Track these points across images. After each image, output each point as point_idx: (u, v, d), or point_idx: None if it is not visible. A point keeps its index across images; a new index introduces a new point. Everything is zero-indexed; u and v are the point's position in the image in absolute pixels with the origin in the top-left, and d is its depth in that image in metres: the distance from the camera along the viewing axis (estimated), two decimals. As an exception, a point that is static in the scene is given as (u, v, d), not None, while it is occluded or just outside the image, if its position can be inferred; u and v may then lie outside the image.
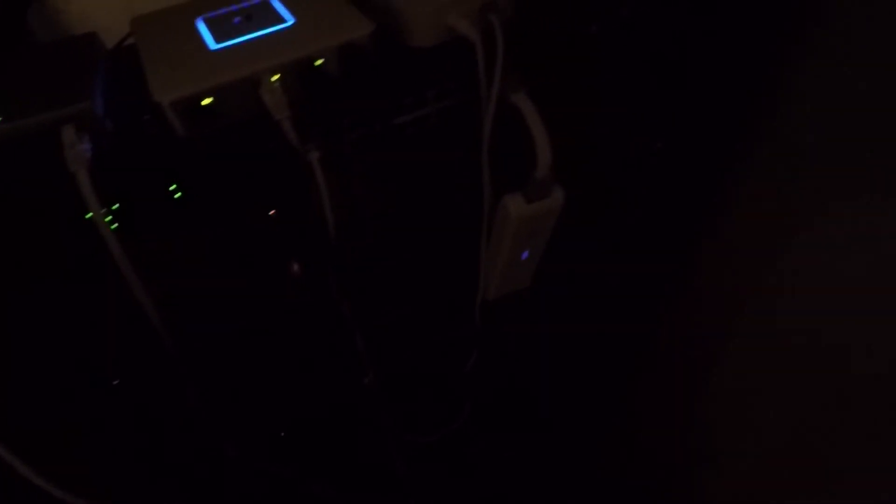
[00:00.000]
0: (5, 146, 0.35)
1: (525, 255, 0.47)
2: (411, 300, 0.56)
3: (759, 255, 0.51)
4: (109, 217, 0.37)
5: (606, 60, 0.42)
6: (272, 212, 0.42)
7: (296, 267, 0.49)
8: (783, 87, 0.43)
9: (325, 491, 0.66)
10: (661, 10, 0.42)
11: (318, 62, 0.39)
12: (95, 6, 0.57)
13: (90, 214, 0.35)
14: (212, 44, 0.40)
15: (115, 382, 0.50)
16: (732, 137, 0.47)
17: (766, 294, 0.54)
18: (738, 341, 0.59)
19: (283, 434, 0.64)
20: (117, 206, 0.37)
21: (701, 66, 0.43)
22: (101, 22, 0.55)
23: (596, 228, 0.51)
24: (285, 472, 0.62)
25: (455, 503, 0.81)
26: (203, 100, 0.37)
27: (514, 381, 0.75)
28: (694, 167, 0.48)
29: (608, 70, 0.43)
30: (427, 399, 0.70)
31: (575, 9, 0.44)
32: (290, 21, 0.41)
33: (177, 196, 0.39)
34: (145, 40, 0.42)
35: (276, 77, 0.37)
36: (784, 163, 0.46)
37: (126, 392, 0.50)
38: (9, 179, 0.36)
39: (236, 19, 0.43)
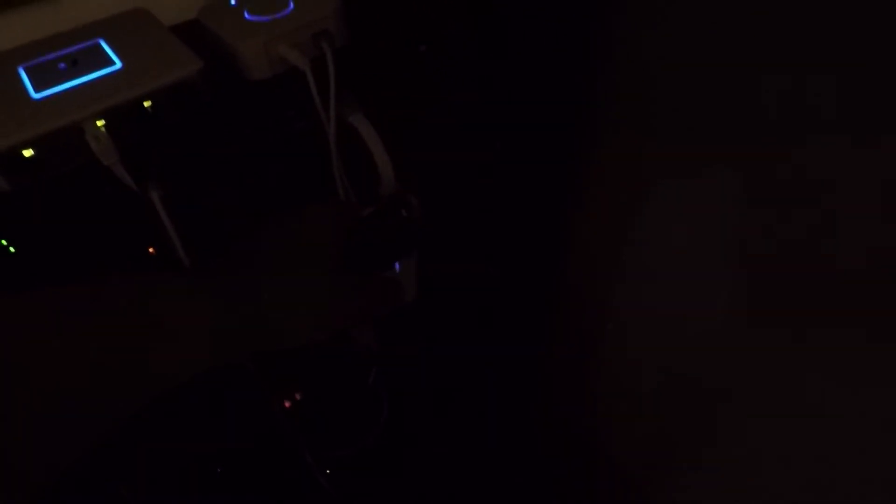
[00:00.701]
0: None
1: (397, 266, 0.49)
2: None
3: (609, 240, 0.57)
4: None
5: (436, 74, 0.46)
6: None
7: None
8: (598, 87, 0.48)
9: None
10: (478, 28, 0.46)
11: (147, 103, 0.39)
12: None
13: None
14: (32, 92, 0.39)
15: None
16: (561, 136, 0.52)
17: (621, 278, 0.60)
18: (610, 326, 0.65)
19: (219, 470, 0.63)
20: (-59, 269, 0.36)
21: (520, 70, 0.47)
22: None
23: (465, 233, 0.55)
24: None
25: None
26: (23, 151, 0.36)
27: (421, 385, 0.77)
28: (532, 167, 0.52)
29: (439, 82, 0.46)
30: (341, 417, 0.71)
31: (406, 31, 0.47)
32: (118, 64, 0.41)
33: (11, 251, 0.38)
34: (-38, 93, 0.41)
35: (101, 122, 0.38)
36: (611, 152, 0.51)
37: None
38: None
39: (62, 65, 0.42)
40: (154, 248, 0.43)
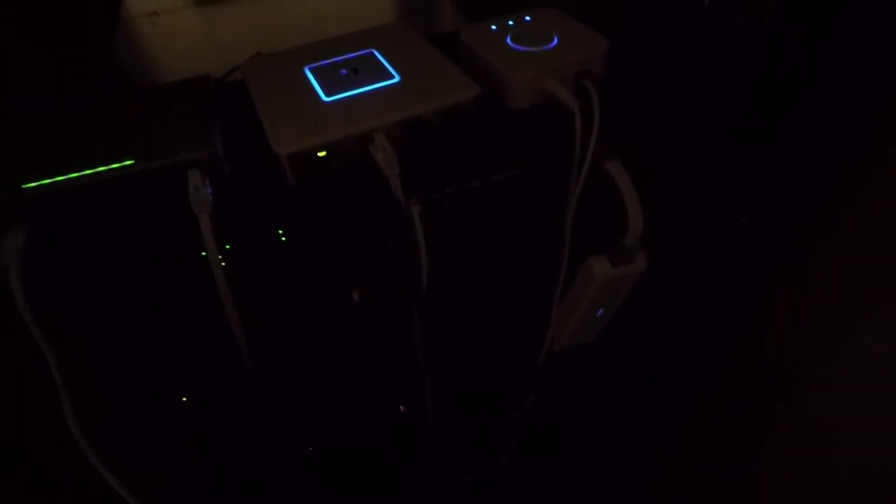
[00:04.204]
0: (136, 187, 0.37)
1: (600, 312, 0.48)
2: (479, 341, 0.57)
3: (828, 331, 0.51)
4: (220, 256, 0.39)
5: (696, 132, 0.44)
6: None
7: (356, 295, 0.51)
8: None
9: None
10: (753, 85, 0.43)
11: (425, 121, 0.41)
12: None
13: (204, 253, 0.37)
14: (323, 96, 0.42)
15: (183, 399, 0.52)
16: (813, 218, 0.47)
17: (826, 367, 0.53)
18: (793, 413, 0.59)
19: (310, 449, 0.65)
20: (228, 247, 0.39)
21: (789, 142, 0.44)
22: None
23: (667, 294, 0.53)
24: (332, 497, 0.63)
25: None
26: (318, 152, 0.39)
27: (562, 424, 0.76)
28: (771, 245, 0.48)
29: (697, 141, 0.44)
30: (473, 437, 0.71)
31: (667, 79, 0.45)
32: (397, 78, 0.43)
33: (282, 240, 0.41)
34: (258, 86, 0.44)
35: (386, 134, 0.39)
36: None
37: (195, 411, 0.52)
38: (136, 217, 0.38)
39: (343, 70, 0.45)
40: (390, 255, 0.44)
